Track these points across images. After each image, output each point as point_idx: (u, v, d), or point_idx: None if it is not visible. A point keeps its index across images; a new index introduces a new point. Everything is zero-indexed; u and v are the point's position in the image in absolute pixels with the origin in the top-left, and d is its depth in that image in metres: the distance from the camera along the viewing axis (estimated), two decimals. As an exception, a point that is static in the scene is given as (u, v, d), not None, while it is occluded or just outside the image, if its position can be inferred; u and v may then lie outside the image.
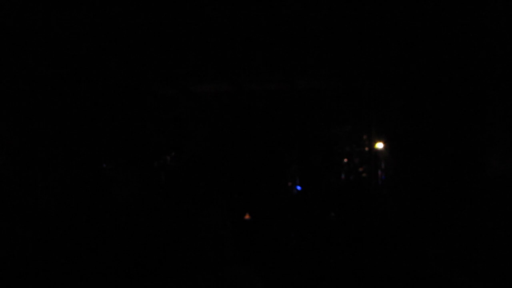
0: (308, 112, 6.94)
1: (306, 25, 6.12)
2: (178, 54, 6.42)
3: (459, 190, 6.22)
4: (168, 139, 6.72)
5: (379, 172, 7.04)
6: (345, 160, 7.09)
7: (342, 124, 7.07)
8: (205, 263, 5.29)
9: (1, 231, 5.47)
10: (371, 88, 6.68)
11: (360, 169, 7.14)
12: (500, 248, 5.32)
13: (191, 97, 6.73)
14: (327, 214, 6.40)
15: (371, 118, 6.95)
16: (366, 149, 7.14)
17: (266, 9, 5.66)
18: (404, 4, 5.60)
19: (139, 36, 6.21)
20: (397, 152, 6.85)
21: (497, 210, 5.75)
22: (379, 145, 7.06)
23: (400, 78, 6.57)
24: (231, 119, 6.82)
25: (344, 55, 6.59)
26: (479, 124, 6.17)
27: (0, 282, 4.85)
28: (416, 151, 6.63)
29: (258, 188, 6.62)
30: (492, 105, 6.10)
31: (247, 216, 6.28)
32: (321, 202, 6.65)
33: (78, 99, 6.36)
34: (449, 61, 6.27)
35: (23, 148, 6.02)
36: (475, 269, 5.10)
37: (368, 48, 6.38)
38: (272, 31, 6.16)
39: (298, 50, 6.51)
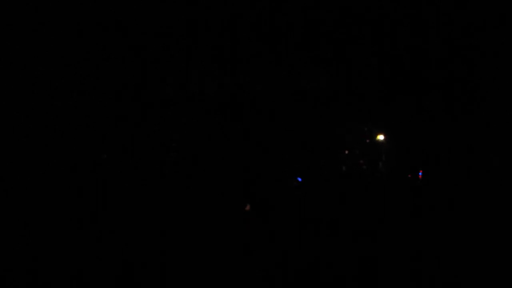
0: (308, 106, 6.94)
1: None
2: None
3: (460, 184, 6.22)
4: (167, 134, 6.71)
5: (380, 164, 7.06)
6: (346, 152, 7.09)
7: (343, 117, 7.07)
8: (205, 257, 5.29)
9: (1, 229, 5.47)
10: (372, 83, 6.69)
11: (361, 161, 7.15)
12: (502, 244, 5.32)
13: (190, 93, 6.73)
14: (328, 206, 6.40)
15: (372, 111, 6.96)
16: (367, 141, 7.15)
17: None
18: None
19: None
20: (398, 145, 6.87)
21: (498, 205, 5.76)
22: (380, 137, 7.08)
23: (400, 73, 6.57)
24: (231, 113, 6.81)
25: (344, 54, 6.60)
26: (481, 118, 6.17)
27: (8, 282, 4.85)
28: (417, 144, 6.64)
29: (259, 180, 6.62)
30: (492, 99, 6.10)
31: (247, 208, 6.29)
32: (322, 194, 6.65)
33: (77, 94, 6.36)
34: (450, 58, 6.28)
35: (22, 143, 6.02)
36: (475, 264, 5.10)
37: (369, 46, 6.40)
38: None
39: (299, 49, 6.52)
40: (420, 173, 6.81)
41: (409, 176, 6.84)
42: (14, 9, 6.10)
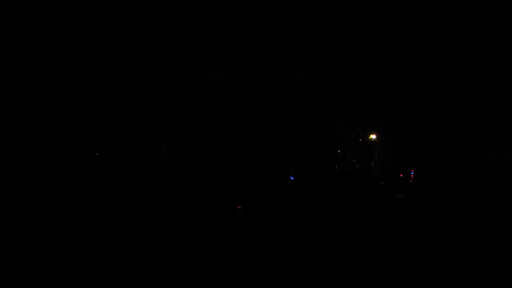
0: (303, 104, 6.96)
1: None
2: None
3: (458, 183, 6.23)
4: (163, 130, 6.71)
5: (373, 163, 7.08)
6: (339, 151, 7.11)
7: (337, 116, 7.09)
8: (196, 255, 5.29)
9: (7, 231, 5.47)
10: (367, 81, 6.70)
11: (354, 160, 7.16)
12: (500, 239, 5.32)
13: (190, 93, 6.73)
14: (320, 205, 6.42)
15: (366, 110, 6.97)
16: (360, 140, 7.17)
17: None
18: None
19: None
20: (392, 144, 6.89)
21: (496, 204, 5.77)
22: (373, 137, 7.09)
23: (400, 73, 6.59)
24: (225, 110, 6.82)
25: (344, 54, 6.61)
26: (479, 117, 6.18)
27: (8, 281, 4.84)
28: (412, 143, 6.65)
29: (252, 178, 6.63)
30: (489, 99, 6.12)
31: (239, 207, 6.29)
32: (315, 193, 6.67)
33: (77, 94, 6.37)
34: (450, 58, 6.29)
35: (22, 143, 6.02)
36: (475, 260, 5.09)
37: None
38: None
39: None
40: (412, 172, 6.83)
41: (401, 175, 6.87)
42: (14, 9, 6.10)
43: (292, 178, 6.81)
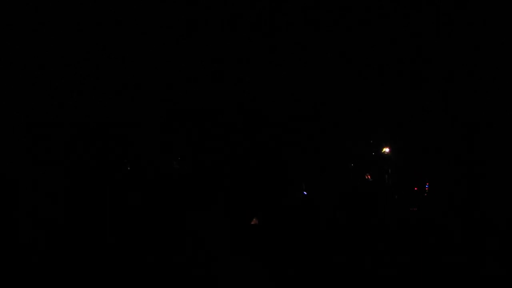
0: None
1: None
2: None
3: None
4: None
5: (386, 176, 7.02)
6: (352, 164, 7.05)
7: (348, 128, 7.03)
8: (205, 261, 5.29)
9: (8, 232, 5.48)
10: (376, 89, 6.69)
11: (368, 175, 7.10)
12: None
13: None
14: (334, 219, 6.36)
15: (377, 120, 6.92)
16: (373, 153, 7.12)
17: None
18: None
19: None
20: (404, 155, 6.84)
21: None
22: (386, 149, 7.04)
23: (404, 78, 6.57)
24: (234, 120, 6.80)
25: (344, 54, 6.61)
26: (479, 117, 6.18)
27: (8, 282, 4.85)
28: (424, 153, 6.62)
29: (263, 192, 6.59)
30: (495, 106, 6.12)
31: (254, 221, 6.26)
32: (328, 207, 6.60)
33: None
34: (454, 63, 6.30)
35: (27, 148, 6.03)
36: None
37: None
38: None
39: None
40: (427, 185, 6.77)
41: (415, 188, 6.81)
42: (14, 9, 6.11)
43: (305, 193, 6.75)
